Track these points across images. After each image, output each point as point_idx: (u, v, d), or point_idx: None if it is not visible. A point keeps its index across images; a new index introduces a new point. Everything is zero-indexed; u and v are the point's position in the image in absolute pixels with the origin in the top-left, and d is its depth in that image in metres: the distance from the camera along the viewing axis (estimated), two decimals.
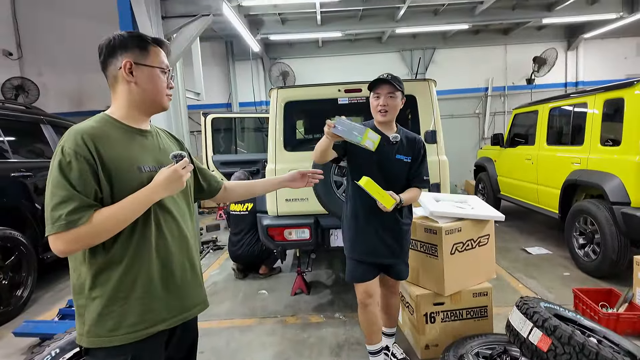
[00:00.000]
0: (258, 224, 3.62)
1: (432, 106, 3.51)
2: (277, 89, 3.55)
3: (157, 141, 1.34)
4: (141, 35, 1.26)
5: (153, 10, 4.71)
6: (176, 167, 1.21)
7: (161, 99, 1.28)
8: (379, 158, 2.19)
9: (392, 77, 2.17)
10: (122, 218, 1.12)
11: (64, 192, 1.06)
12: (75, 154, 1.08)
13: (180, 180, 1.22)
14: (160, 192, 1.19)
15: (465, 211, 2.72)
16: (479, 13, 7.32)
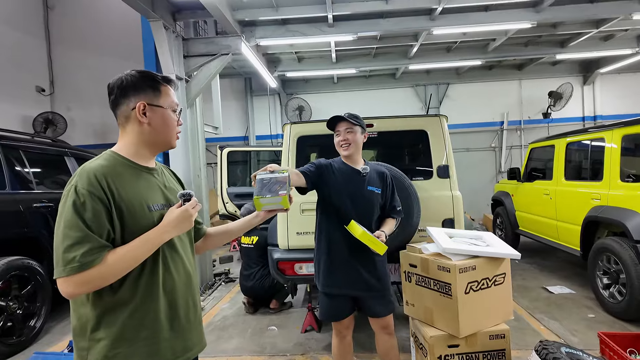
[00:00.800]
0: (269, 258, 3.59)
1: (444, 141, 3.51)
2: (290, 124, 3.63)
3: (162, 179, 1.35)
4: (153, 75, 1.27)
5: (175, 49, 4.97)
6: (187, 206, 1.23)
7: (171, 138, 1.30)
8: (350, 190, 2.30)
9: (349, 114, 2.34)
10: (133, 258, 1.12)
11: (78, 233, 1.05)
12: (89, 193, 1.08)
13: (190, 220, 1.24)
14: (171, 232, 1.20)
15: (480, 248, 2.65)
16: (491, 50, 7.44)
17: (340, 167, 2.37)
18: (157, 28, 4.63)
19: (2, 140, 3.99)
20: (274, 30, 5.72)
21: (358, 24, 5.65)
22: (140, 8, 4.32)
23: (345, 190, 2.29)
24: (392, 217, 2.45)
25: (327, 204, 2.34)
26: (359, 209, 2.29)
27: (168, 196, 1.32)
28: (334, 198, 2.31)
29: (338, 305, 2.32)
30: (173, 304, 1.24)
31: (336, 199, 2.30)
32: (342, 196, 2.29)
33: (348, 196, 2.29)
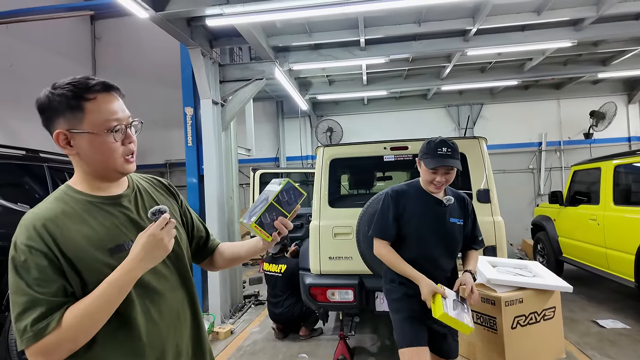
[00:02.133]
0: (300, 282, 3.53)
1: (483, 164, 3.38)
2: (324, 146, 3.62)
3: (137, 205, 1.13)
4: (71, 89, 0.99)
5: (212, 75, 5.13)
6: (152, 229, 0.99)
7: (115, 165, 1.04)
8: (433, 225, 2.07)
9: (453, 150, 2.01)
10: (100, 310, 0.92)
11: (24, 297, 0.89)
12: (29, 249, 0.91)
13: (161, 245, 0.99)
14: (141, 265, 0.97)
15: (527, 279, 2.48)
16: (528, 69, 7.24)
17: (418, 195, 2.13)
18: (195, 55, 4.81)
19: (49, 162, 4.19)
20: (307, 55, 5.82)
21: (390, 46, 5.66)
22: (180, 36, 4.51)
23: (425, 224, 2.07)
24: (473, 248, 2.21)
25: (406, 243, 2.11)
26: (443, 245, 2.08)
27: (145, 226, 1.06)
28: (411, 232, 2.08)
29: (417, 327, 2.04)
30: (164, 356, 1.05)
31: (416, 237, 2.08)
32: (421, 230, 2.07)
33: (430, 232, 2.07)
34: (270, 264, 4.35)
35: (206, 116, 5.04)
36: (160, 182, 1.31)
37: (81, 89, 0.99)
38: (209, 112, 5.02)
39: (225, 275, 5.12)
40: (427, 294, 1.94)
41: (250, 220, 1.21)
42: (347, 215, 3.40)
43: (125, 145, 1.05)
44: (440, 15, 4.97)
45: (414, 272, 2.01)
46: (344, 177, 4.66)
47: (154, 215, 1.03)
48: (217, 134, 5.13)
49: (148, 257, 0.98)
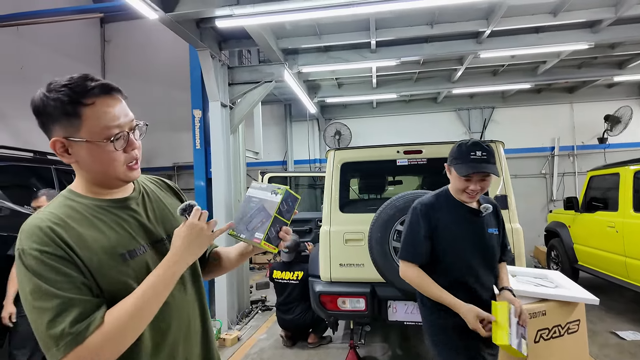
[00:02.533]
0: (310, 290, 3.43)
1: (501, 169, 3.26)
2: (335, 150, 3.53)
3: (145, 208, 1.08)
4: (68, 92, 0.90)
5: (221, 77, 5.08)
6: (191, 220, 0.99)
7: (117, 174, 0.98)
8: (472, 239, 1.84)
9: (488, 152, 1.76)
10: (145, 308, 0.88)
11: (54, 300, 0.81)
12: (41, 254, 0.83)
13: (203, 233, 1.00)
14: (186, 258, 0.97)
15: (551, 291, 2.36)
16: (541, 72, 7.10)
17: (451, 206, 1.88)
18: (204, 57, 4.76)
19: (57, 165, 4.15)
20: (316, 57, 5.74)
21: (401, 48, 5.56)
22: (189, 38, 4.46)
23: (463, 238, 1.83)
24: (503, 260, 1.97)
25: (437, 256, 1.86)
26: (484, 260, 1.84)
27: (155, 230, 1.05)
28: (448, 249, 1.83)
29: None
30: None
31: (452, 251, 1.83)
32: (460, 246, 1.82)
33: (468, 246, 1.83)
34: (283, 271, 4.23)
35: (215, 119, 4.98)
36: (165, 184, 1.25)
37: (78, 93, 0.90)
38: (218, 115, 4.97)
39: (232, 279, 5.04)
40: (474, 321, 1.68)
41: (256, 238, 1.15)
42: (359, 220, 3.30)
43: (128, 152, 0.98)
44: (454, 16, 4.87)
45: (449, 298, 1.75)
46: (355, 182, 4.57)
47: (185, 210, 1.02)
48: (225, 136, 5.06)
49: (192, 248, 0.97)
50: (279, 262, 4.34)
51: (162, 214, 1.11)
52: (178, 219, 1.12)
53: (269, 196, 1.19)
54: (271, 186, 1.21)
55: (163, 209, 1.13)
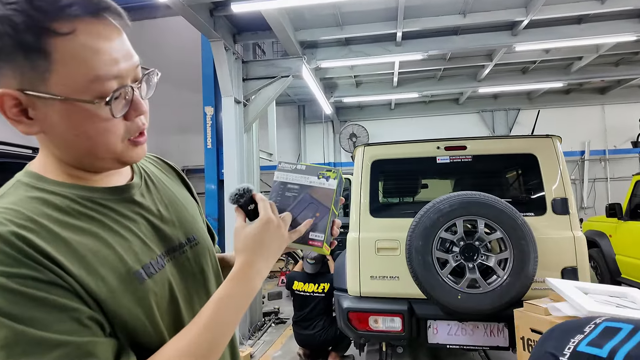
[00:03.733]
0: (336, 305, 3.00)
1: (559, 168, 2.82)
2: (364, 146, 3.12)
3: (152, 199, 0.74)
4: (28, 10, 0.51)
5: (235, 71, 4.73)
6: (266, 214, 0.73)
7: (114, 152, 0.62)
8: None
9: None
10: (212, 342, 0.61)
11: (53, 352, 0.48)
12: (13, 279, 0.48)
13: (281, 233, 0.74)
14: (261, 270, 0.70)
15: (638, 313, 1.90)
16: (575, 70, 6.63)
17: None
18: (217, 48, 4.41)
19: None
20: (337, 51, 5.37)
21: (428, 41, 5.16)
22: (201, 26, 4.12)
23: None
24: None
25: None
26: None
27: (171, 233, 0.72)
28: None
29: None
30: None
31: None
32: None
33: None
34: (306, 283, 3.75)
35: (227, 115, 4.62)
36: (167, 164, 0.90)
37: (45, 12, 0.52)
38: (231, 111, 4.60)
39: None
40: None
41: (314, 240, 0.82)
42: (393, 226, 2.87)
43: (131, 120, 0.63)
44: (489, 4, 4.46)
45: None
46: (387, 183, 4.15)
47: (240, 197, 0.76)
48: (238, 135, 4.69)
49: (269, 254, 0.71)
50: (301, 272, 3.88)
51: (175, 207, 0.77)
52: (191, 215, 0.81)
53: (316, 182, 0.85)
54: (313, 168, 0.87)
55: (174, 200, 0.79)
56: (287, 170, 0.87)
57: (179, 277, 0.71)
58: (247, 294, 0.68)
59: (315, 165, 0.88)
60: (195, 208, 0.88)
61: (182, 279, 0.72)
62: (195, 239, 0.79)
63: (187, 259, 0.74)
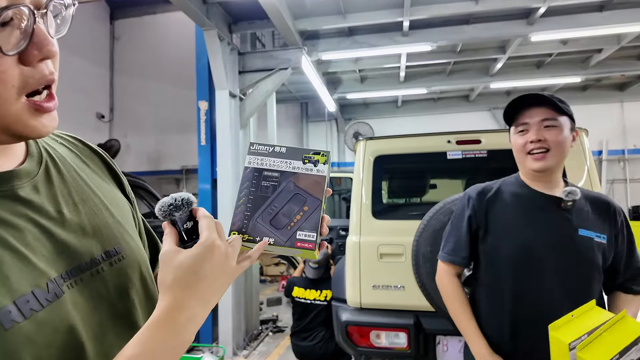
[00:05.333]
0: (334, 318, 2.69)
1: (585, 165, 2.49)
2: (366, 140, 2.81)
3: (52, 194, 0.51)
4: None
5: (230, 64, 4.45)
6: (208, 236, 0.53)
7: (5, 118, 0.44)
8: (546, 241, 1.25)
9: (552, 96, 1.28)
10: None
11: None
12: None
13: (228, 264, 0.55)
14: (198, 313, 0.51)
15: None
16: (594, 64, 6.26)
17: (519, 193, 1.34)
18: (210, 37, 4.13)
19: None
20: (339, 42, 5.07)
21: (437, 31, 4.83)
22: (193, 14, 3.84)
23: (532, 240, 1.27)
24: (633, 291, 1.32)
25: (490, 265, 1.35)
26: (558, 272, 1.24)
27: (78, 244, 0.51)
28: (504, 257, 1.30)
29: None
30: None
31: (511, 259, 1.29)
32: (525, 252, 1.27)
33: (539, 252, 1.26)
34: (307, 289, 3.43)
35: (222, 110, 4.34)
36: (89, 149, 0.66)
37: None
38: (225, 106, 4.33)
39: (239, 294, 4.35)
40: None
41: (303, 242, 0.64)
42: (398, 229, 2.57)
43: (32, 64, 0.45)
44: None
45: (468, 327, 1.31)
46: (385, 184, 3.83)
47: (175, 210, 0.56)
48: (234, 131, 4.42)
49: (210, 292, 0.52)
50: (302, 277, 3.55)
51: (90, 208, 0.56)
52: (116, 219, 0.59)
53: (301, 167, 0.69)
54: (296, 150, 0.70)
55: (89, 197, 0.57)
56: (263, 153, 0.69)
57: (88, 309, 0.49)
58: (173, 350, 0.48)
59: (298, 147, 0.74)
60: (126, 209, 0.64)
61: (93, 311, 0.50)
62: (119, 252, 0.56)
63: (102, 282, 0.53)
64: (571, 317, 1.06)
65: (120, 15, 9.66)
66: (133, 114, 9.50)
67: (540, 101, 1.25)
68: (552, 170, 1.27)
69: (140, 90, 9.47)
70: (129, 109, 9.57)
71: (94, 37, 9.38)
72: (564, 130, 1.25)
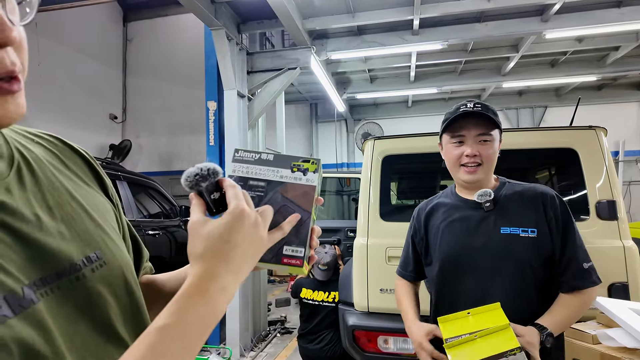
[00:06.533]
0: (340, 322, 2.65)
1: (604, 165, 2.40)
2: (374, 139, 2.75)
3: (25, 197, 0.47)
4: None
5: (239, 64, 4.44)
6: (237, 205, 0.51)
7: None
8: (467, 244, 1.32)
9: (483, 105, 1.33)
10: None
11: None
12: None
13: (258, 233, 0.53)
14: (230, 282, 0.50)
15: None
16: (610, 63, 6.08)
17: (448, 203, 1.44)
18: (218, 37, 4.12)
19: None
20: (348, 42, 5.02)
21: (448, 29, 4.75)
22: (202, 14, 3.84)
23: (454, 243, 1.35)
24: (573, 289, 1.26)
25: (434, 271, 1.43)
26: (485, 274, 1.29)
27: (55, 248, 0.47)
28: (437, 261, 1.39)
29: None
30: None
31: (442, 263, 1.38)
32: (451, 256, 1.36)
33: (462, 252, 1.33)
34: (315, 290, 3.39)
35: (230, 110, 4.33)
36: (69, 148, 0.61)
37: None
38: (234, 106, 4.31)
39: (247, 295, 4.34)
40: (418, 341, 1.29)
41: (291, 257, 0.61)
42: (405, 230, 2.50)
43: None
44: None
45: (408, 315, 1.44)
46: (394, 185, 3.77)
47: (203, 180, 0.53)
48: (242, 131, 4.40)
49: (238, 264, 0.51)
50: (310, 279, 3.52)
51: (68, 211, 0.52)
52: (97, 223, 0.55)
53: (289, 176, 0.66)
54: (284, 157, 0.67)
55: (66, 200, 0.53)
56: (248, 161, 0.66)
57: (65, 319, 0.45)
58: (205, 321, 0.47)
59: (286, 154, 0.70)
60: (108, 212, 0.60)
61: (70, 321, 0.46)
62: (100, 257, 0.52)
63: (82, 289, 0.49)
64: (466, 314, 1.19)
65: (132, 18, 9.78)
66: (145, 114, 9.61)
67: (478, 115, 1.30)
68: (481, 181, 1.34)
69: (152, 91, 9.57)
70: (142, 110, 9.67)
71: (107, 39, 9.52)
72: (494, 144, 1.34)
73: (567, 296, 1.27)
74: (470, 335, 1.11)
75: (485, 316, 1.17)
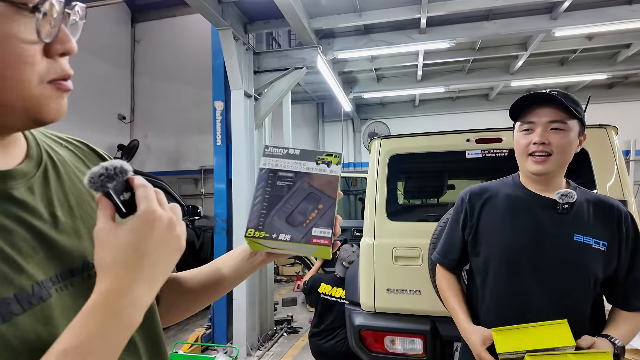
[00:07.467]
0: (347, 322, 2.64)
1: (615, 165, 2.37)
2: (381, 138, 2.74)
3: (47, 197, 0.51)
4: None
5: (246, 64, 4.46)
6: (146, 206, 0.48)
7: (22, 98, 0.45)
8: (535, 245, 1.22)
9: (561, 93, 1.20)
10: None
11: None
12: None
13: (173, 233, 0.50)
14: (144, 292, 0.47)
15: None
16: (621, 61, 5.99)
17: (512, 194, 1.31)
18: (225, 37, 4.13)
19: None
20: (355, 41, 5.00)
21: (456, 28, 4.71)
22: (208, 13, 3.86)
23: (519, 242, 1.24)
24: (631, 306, 1.22)
25: (483, 265, 1.31)
26: (541, 274, 1.21)
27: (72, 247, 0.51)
28: (493, 257, 1.29)
29: None
30: None
31: (498, 260, 1.27)
32: (511, 255, 1.25)
33: (526, 255, 1.23)
34: (335, 287, 3.38)
35: (237, 110, 4.34)
36: (94, 153, 0.67)
37: None
38: (240, 105, 4.32)
39: (254, 294, 4.34)
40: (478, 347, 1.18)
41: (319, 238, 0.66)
42: (414, 231, 2.50)
43: (54, 57, 0.48)
44: None
45: (460, 316, 1.32)
46: (401, 185, 3.75)
47: (109, 180, 0.48)
48: (249, 131, 4.41)
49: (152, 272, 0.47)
50: (330, 275, 3.50)
51: (86, 211, 0.56)
52: None
53: (315, 168, 0.73)
54: (310, 152, 0.75)
55: (85, 201, 0.57)
56: (277, 155, 0.74)
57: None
58: (116, 338, 0.43)
59: (311, 149, 0.76)
60: None
61: None
62: None
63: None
64: (525, 327, 1.10)
65: (141, 19, 9.86)
66: (153, 115, 9.68)
67: (551, 101, 1.18)
68: (551, 174, 1.23)
69: (160, 91, 9.64)
70: (150, 110, 9.75)
71: (116, 40, 9.61)
72: (570, 134, 1.19)
73: (630, 314, 1.22)
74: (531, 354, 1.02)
75: (548, 332, 1.06)
